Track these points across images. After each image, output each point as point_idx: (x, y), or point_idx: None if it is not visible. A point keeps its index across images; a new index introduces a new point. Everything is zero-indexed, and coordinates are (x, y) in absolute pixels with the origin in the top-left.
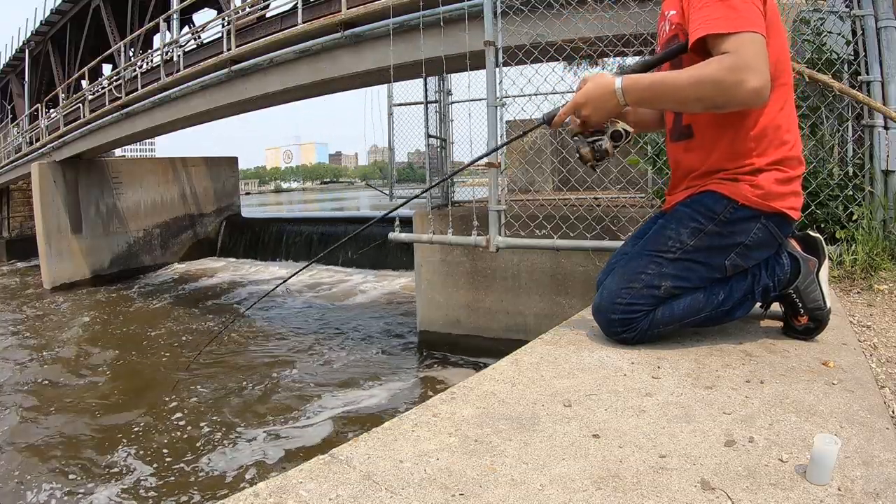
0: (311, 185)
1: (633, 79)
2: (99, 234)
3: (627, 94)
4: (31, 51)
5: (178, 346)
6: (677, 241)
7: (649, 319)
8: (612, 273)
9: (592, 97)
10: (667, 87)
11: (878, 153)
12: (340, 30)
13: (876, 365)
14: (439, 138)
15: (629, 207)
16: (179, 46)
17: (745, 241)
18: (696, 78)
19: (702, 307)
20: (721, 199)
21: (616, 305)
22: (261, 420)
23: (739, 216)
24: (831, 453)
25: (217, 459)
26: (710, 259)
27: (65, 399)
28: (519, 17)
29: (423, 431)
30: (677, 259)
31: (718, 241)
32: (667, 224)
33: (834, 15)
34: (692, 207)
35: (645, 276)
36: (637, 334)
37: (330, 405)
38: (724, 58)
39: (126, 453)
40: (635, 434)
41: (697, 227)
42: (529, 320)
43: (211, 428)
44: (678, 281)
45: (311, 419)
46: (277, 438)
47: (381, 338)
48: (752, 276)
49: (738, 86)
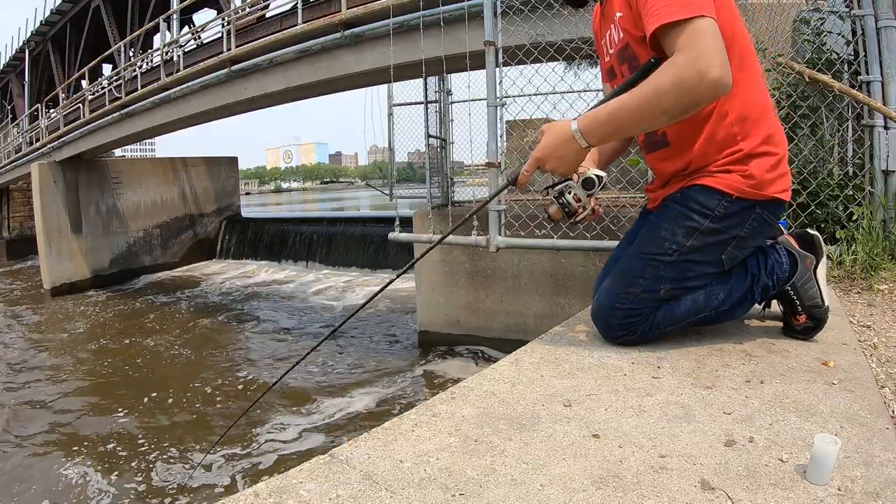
0: (311, 185)
1: (590, 116)
2: (99, 234)
3: (587, 135)
4: (31, 51)
5: (178, 347)
6: (673, 243)
7: (650, 322)
8: (609, 277)
9: (551, 149)
10: (628, 110)
11: (878, 153)
12: (340, 30)
13: (876, 365)
14: (439, 138)
15: (629, 207)
16: (179, 46)
17: (741, 234)
18: (654, 89)
19: (701, 308)
20: (714, 194)
21: (615, 310)
22: (260, 420)
23: (734, 209)
24: (831, 453)
25: (216, 460)
26: (708, 256)
27: (63, 399)
28: (519, 17)
29: (423, 431)
30: (675, 261)
31: (715, 237)
32: (659, 223)
33: (834, 15)
34: (684, 204)
35: (643, 281)
36: (637, 337)
37: (329, 405)
38: (676, 57)
39: (124, 454)
40: (635, 434)
41: (693, 226)
42: (529, 320)
43: (210, 428)
44: (678, 283)
45: (311, 419)
46: (277, 439)
47: (381, 338)
48: (751, 277)
49: (700, 79)
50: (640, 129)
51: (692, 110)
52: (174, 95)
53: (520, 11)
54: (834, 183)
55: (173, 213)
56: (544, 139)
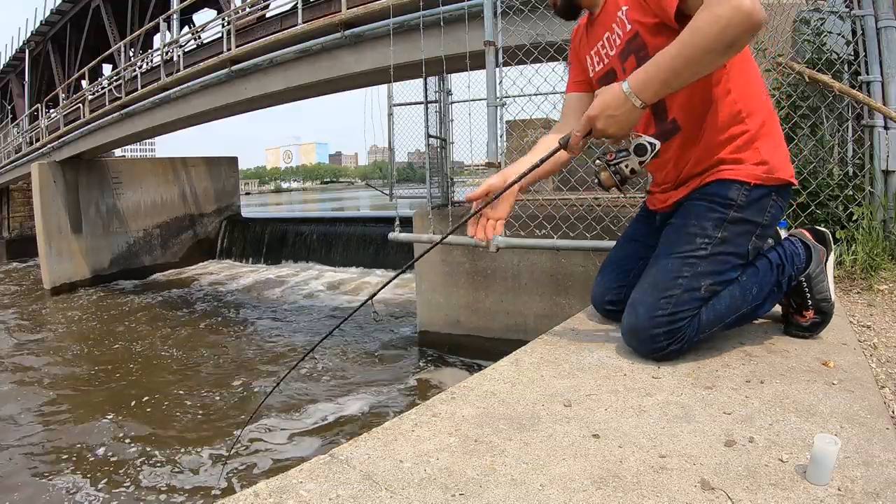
0: (311, 185)
1: (637, 74)
2: (99, 234)
3: (639, 91)
4: (31, 51)
5: (178, 346)
6: (704, 237)
7: (695, 325)
8: (639, 290)
9: (603, 107)
10: (674, 58)
11: (878, 153)
12: (340, 30)
13: (876, 365)
14: (439, 138)
15: (629, 207)
16: (179, 46)
17: (762, 222)
18: (693, 31)
19: (739, 303)
20: (732, 185)
21: (657, 318)
22: (259, 421)
23: (754, 196)
24: (831, 453)
25: (213, 461)
26: (737, 247)
27: (60, 399)
28: (519, 17)
29: (423, 431)
30: (710, 255)
31: (741, 227)
32: (685, 222)
33: (834, 15)
34: (706, 200)
35: (683, 280)
36: (685, 343)
37: (329, 405)
38: (707, 1)
39: (122, 455)
40: (635, 434)
41: (720, 217)
42: (529, 320)
43: (209, 429)
44: (716, 277)
45: (311, 419)
46: (275, 439)
47: (381, 338)
48: (777, 268)
49: (734, 12)
50: (688, 76)
51: (733, 49)
52: (174, 95)
53: (520, 11)
54: (834, 183)
55: (173, 213)
56: (597, 100)
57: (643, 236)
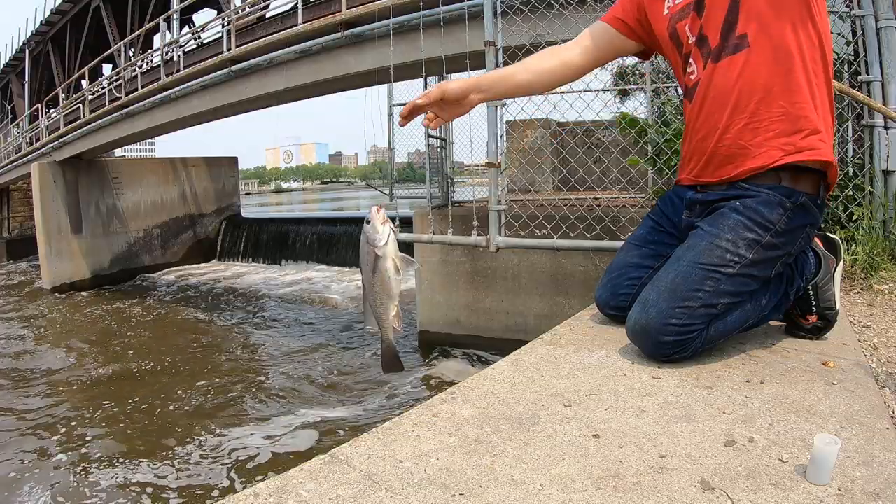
0: (311, 185)
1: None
2: (99, 234)
3: None
4: (31, 51)
5: (178, 346)
6: (735, 255)
7: (703, 338)
8: (654, 290)
9: None
10: None
11: (878, 153)
12: (340, 30)
13: (876, 365)
14: (439, 138)
15: (629, 207)
16: (179, 46)
17: (791, 251)
18: None
19: (749, 316)
20: (776, 208)
21: (669, 327)
22: (258, 421)
23: (794, 225)
24: (831, 453)
25: (213, 461)
26: (764, 271)
27: (60, 398)
28: (519, 17)
29: (423, 431)
30: (736, 274)
31: (773, 252)
32: (718, 233)
33: (834, 15)
34: (746, 215)
35: (703, 294)
36: (689, 353)
37: (329, 405)
38: None
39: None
40: (635, 434)
41: (755, 240)
42: (529, 320)
43: (209, 429)
44: (735, 297)
45: (311, 419)
46: (275, 440)
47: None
48: (786, 280)
49: None
50: None
51: None
52: (174, 95)
53: (520, 11)
54: None
55: (173, 213)
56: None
57: (653, 244)
